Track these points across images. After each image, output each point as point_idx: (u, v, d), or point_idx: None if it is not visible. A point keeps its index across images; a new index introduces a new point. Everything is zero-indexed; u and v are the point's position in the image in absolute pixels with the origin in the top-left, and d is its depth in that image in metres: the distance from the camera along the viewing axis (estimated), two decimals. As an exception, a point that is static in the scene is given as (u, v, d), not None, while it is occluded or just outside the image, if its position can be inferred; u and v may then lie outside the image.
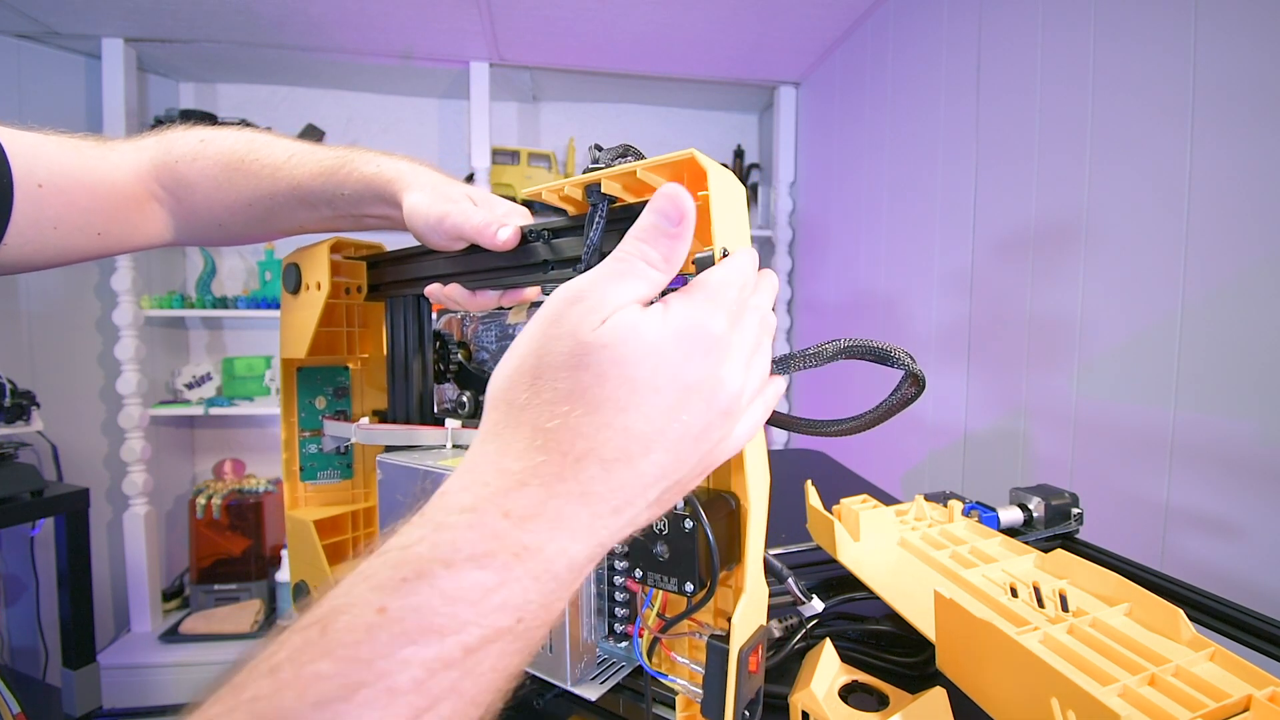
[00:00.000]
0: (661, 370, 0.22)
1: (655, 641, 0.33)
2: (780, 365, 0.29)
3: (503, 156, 1.95)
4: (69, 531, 1.36)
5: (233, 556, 1.82)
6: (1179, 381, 0.77)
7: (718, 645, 0.29)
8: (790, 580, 0.37)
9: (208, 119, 1.84)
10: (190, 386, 1.89)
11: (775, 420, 0.34)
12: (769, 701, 0.41)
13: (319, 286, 0.52)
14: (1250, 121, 0.70)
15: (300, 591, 0.57)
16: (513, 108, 2.12)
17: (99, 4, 1.47)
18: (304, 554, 0.55)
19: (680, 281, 0.33)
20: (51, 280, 1.71)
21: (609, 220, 0.33)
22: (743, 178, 2.15)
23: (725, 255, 0.28)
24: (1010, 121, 1.07)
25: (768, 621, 0.44)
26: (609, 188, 0.32)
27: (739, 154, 2.16)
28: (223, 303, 1.84)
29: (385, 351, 0.54)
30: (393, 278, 0.52)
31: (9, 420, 1.37)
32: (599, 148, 0.32)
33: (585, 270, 0.32)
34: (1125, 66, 0.85)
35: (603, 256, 0.33)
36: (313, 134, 1.94)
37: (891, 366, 0.29)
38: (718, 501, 0.30)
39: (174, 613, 1.84)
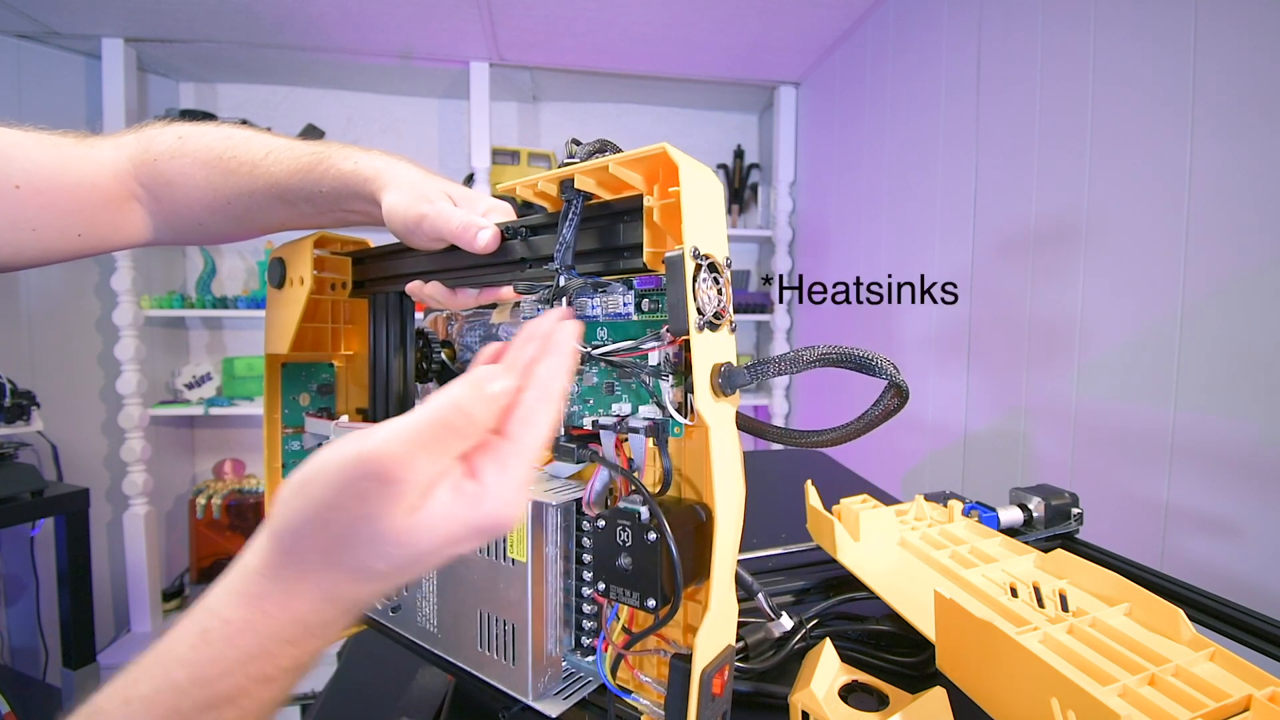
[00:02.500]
0: (455, 550, 0.24)
1: (620, 658, 0.32)
2: (756, 371, 0.28)
3: (503, 156, 1.95)
4: (69, 531, 1.36)
5: (233, 556, 1.81)
6: (1179, 381, 0.77)
7: (681, 665, 0.28)
8: (760, 596, 0.36)
9: (208, 119, 1.83)
10: (190, 386, 1.89)
11: (752, 429, 0.33)
12: (769, 701, 0.41)
13: (302, 282, 0.51)
14: (1251, 120, 0.70)
15: None
16: (513, 108, 2.12)
17: (99, 4, 1.47)
18: None
19: (653, 282, 0.32)
20: (52, 280, 1.71)
21: (584, 217, 0.32)
22: (743, 178, 2.15)
23: (695, 255, 0.27)
24: (1010, 121, 1.07)
25: (736, 640, 0.43)
26: (582, 183, 0.31)
27: (739, 154, 2.15)
28: (223, 303, 1.84)
29: (367, 349, 0.53)
30: (376, 274, 0.51)
31: (9, 420, 1.37)
32: (576, 142, 0.32)
33: (558, 268, 0.32)
34: (1125, 65, 0.85)
35: (575, 255, 0.33)
36: (313, 134, 1.94)
37: (873, 376, 0.28)
38: (687, 513, 0.29)
39: (174, 613, 1.84)
